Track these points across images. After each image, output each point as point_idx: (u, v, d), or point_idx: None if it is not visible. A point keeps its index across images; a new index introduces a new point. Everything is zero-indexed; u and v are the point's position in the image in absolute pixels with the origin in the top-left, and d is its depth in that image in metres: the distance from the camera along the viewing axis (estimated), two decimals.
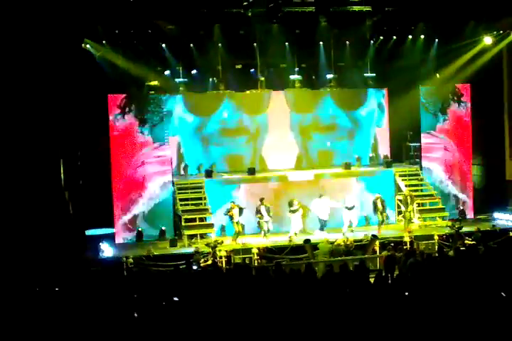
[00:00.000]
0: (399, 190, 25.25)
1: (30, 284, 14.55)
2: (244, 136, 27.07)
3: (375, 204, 23.63)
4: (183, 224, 22.84)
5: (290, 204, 23.28)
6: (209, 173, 24.67)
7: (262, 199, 22.92)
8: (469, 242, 20.31)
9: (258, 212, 22.72)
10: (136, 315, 11.76)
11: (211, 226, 22.82)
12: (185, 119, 26.40)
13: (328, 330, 10.58)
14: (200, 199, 23.87)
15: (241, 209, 22.68)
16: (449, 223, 22.57)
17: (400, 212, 24.76)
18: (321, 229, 23.29)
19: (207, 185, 24.19)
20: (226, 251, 20.45)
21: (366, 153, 28.02)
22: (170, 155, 24.68)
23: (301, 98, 27.45)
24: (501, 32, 25.76)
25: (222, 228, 23.72)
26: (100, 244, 21.44)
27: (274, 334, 10.48)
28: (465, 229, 21.92)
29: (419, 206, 24.45)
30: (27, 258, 18.46)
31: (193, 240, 22.51)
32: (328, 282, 14.48)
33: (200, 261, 19.17)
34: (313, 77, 27.40)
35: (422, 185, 25.86)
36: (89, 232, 22.39)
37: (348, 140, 27.91)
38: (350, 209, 23.49)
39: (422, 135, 26.25)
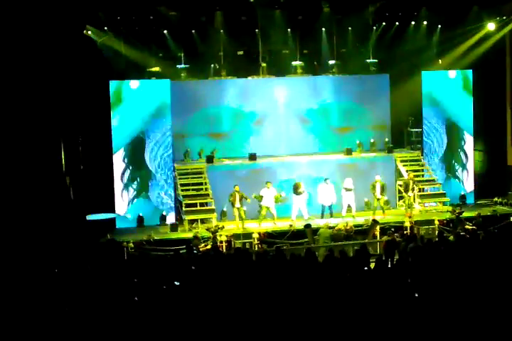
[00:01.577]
0: (400, 175, 25.27)
1: (31, 269, 14.59)
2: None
3: (373, 187, 23.57)
4: (183, 209, 22.90)
5: (296, 186, 23.27)
6: (210, 159, 24.66)
7: (267, 183, 22.86)
8: (470, 227, 20.33)
9: (261, 196, 22.72)
10: (136, 299, 11.84)
11: (212, 211, 22.79)
12: None
13: (329, 315, 10.62)
14: (201, 184, 23.87)
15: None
16: (450, 208, 22.57)
17: (400, 197, 24.78)
18: (322, 215, 23.28)
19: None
20: (227, 236, 20.44)
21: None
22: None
23: None
24: (504, 18, 25.69)
25: (223, 213, 23.73)
26: (101, 228, 21.54)
27: (274, 319, 10.51)
28: (466, 214, 21.88)
29: (420, 191, 24.45)
30: (28, 244, 18.51)
31: (193, 225, 22.55)
32: (329, 267, 14.51)
33: (200, 246, 19.20)
34: (315, 63, 27.30)
35: (423, 171, 25.87)
36: (90, 217, 22.46)
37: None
38: (348, 190, 23.43)
39: None
